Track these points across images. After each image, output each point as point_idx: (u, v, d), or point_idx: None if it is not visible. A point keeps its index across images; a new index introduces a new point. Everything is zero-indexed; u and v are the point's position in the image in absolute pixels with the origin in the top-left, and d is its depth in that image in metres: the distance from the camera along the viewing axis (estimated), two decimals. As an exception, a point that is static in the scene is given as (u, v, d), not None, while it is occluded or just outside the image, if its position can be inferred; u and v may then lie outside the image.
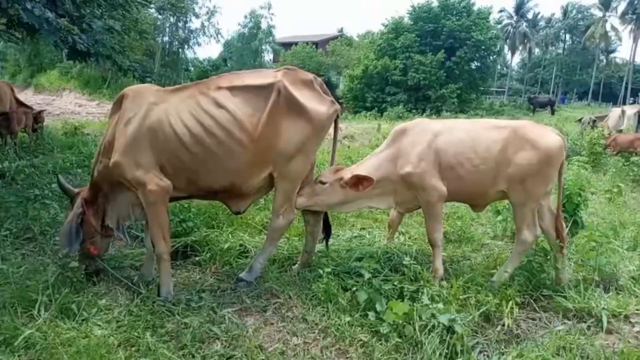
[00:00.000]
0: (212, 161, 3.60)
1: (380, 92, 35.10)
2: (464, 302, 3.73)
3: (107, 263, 4.13)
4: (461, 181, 4.07)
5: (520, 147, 3.99)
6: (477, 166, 4.02)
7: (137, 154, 3.53)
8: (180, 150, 3.56)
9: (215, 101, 3.61)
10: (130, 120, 3.57)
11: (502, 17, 57.97)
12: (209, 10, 36.97)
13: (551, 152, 3.98)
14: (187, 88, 3.81)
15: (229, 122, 3.57)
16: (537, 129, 4.16)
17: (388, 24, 37.61)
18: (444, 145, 4.05)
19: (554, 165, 4.05)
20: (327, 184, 4.03)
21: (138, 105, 3.62)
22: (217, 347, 3.16)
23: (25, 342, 2.98)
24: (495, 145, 4.02)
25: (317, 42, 47.75)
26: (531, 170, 3.96)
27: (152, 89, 3.83)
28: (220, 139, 3.56)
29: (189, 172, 3.65)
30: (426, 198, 4.10)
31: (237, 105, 3.61)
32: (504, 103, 43.92)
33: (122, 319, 3.39)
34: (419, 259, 4.30)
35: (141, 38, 8.41)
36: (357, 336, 3.29)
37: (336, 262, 4.20)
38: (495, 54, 39.36)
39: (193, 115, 3.57)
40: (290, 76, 3.74)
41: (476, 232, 5.58)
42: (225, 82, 3.73)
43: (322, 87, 3.86)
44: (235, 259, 4.47)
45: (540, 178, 4.02)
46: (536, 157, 3.95)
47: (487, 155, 4.01)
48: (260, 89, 3.66)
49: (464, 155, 4.03)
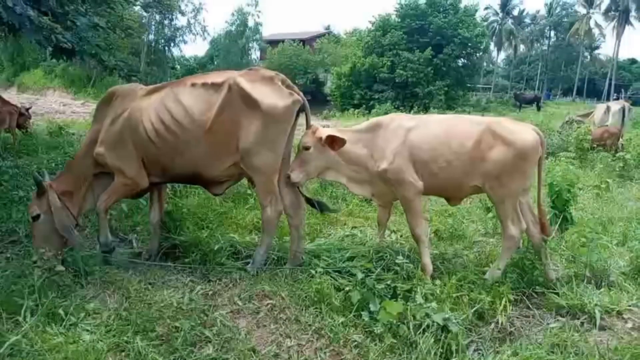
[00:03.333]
0: (174, 152, 4.02)
1: (368, 90, 35.16)
2: (457, 301, 3.71)
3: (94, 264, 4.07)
4: (435, 176, 4.13)
5: (494, 143, 4.02)
6: (450, 162, 4.07)
7: (120, 148, 4.08)
8: (149, 144, 4.04)
9: (176, 98, 3.99)
10: (117, 118, 4.11)
11: (488, 14, 58.44)
12: (195, 8, 36.74)
13: (526, 148, 4.00)
14: (164, 87, 4.22)
15: (184, 117, 3.94)
16: (512, 125, 4.18)
17: (375, 22, 37.65)
18: (418, 141, 4.11)
19: (529, 161, 4.07)
20: (311, 148, 4.16)
21: (125, 103, 4.15)
22: (209, 351, 3.10)
23: (11, 349, 2.89)
24: (469, 141, 4.05)
25: (305, 39, 47.56)
26: (506, 166, 4.00)
27: (138, 89, 4.30)
28: (177, 133, 3.96)
29: (159, 162, 4.14)
30: (403, 193, 4.17)
31: (193, 102, 3.95)
32: (491, 100, 44.25)
33: (111, 323, 3.31)
34: (411, 257, 4.26)
35: (126, 36, 8.32)
36: (351, 337, 3.26)
37: (328, 262, 4.16)
38: (481, 51, 39.64)
39: (157, 112, 4.01)
40: (250, 74, 4.03)
41: (467, 230, 5.57)
42: (192, 80, 4.12)
43: (285, 83, 4.06)
44: (225, 260, 4.39)
45: (517, 174, 4.05)
46: (511, 154, 3.98)
47: (461, 150, 4.05)
48: (214, 86, 3.97)
49: (438, 151, 4.07)
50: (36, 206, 3.96)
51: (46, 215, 3.95)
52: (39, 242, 3.95)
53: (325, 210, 4.66)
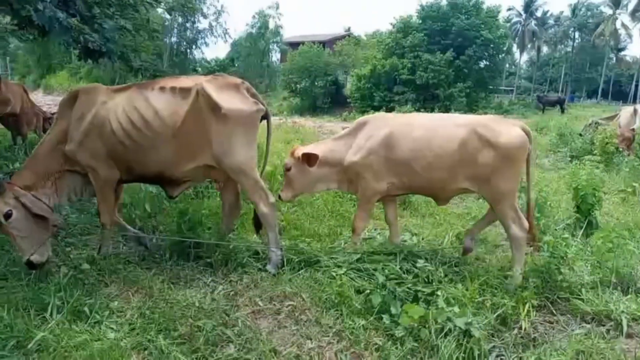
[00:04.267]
0: (142, 152, 4.12)
1: (388, 92, 35.03)
2: (479, 305, 3.67)
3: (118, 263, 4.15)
4: (417, 176, 4.19)
5: (479, 146, 4.01)
6: (431, 163, 4.10)
7: (89, 145, 4.14)
8: (117, 142, 4.11)
9: (146, 100, 4.10)
10: (83, 116, 4.15)
11: (511, 15, 57.60)
12: (216, 10, 37.07)
13: (512, 149, 3.98)
14: (130, 88, 4.33)
15: (153, 118, 4.04)
16: (497, 125, 4.13)
17: (396, 23, 37.50)
18: (399, 140, 4.16)
19: (517, 161, 4.06)
20: (292, 168, 4.39)
21: (91, 102, 4.20)
22: (231, 351, 3.13)
23: (39, 345, 2.97)
24: (451, 144, 4.05)
25: (325, 41, 47.62)
26: (495, 169, 4.00)
27: (103, 88, 4.39)
28: (145, 133, 4.05)
29: (126, 161, 4.22)
30: (362, 190, 4.35)
31: (162, 104, 4.07)
32: (513, 101, 43.59)
33: (135, 321, 3.37)
34: (432, 261, 4.23)
35: (150, 38, 8.42)
36: (372, 340, 3.25)
37: (349, 265, 4.15)
38: (504, 52, 39.17)
39: (126, 112, 4.09)
40: (215, 81, 4.17)
41: (490, 233, 5.50)
42: (160, 84, 4.23)
43: (250, 91, 4.24)
44: (246, 260, 4.41)
45: (507, 175, 4.04)
46: (497, 156, 3.97)
47: (442, 153, 4.07)
48: (183, 91, 4.09)
49: (419, 152, 4.11)
50: (2, 204, 3.80)
51: (17, 208, 3.85)
52: (23, 237, 3.83)
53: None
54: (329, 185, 4.59)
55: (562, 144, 12.99)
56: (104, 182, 4.28)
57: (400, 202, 6.58)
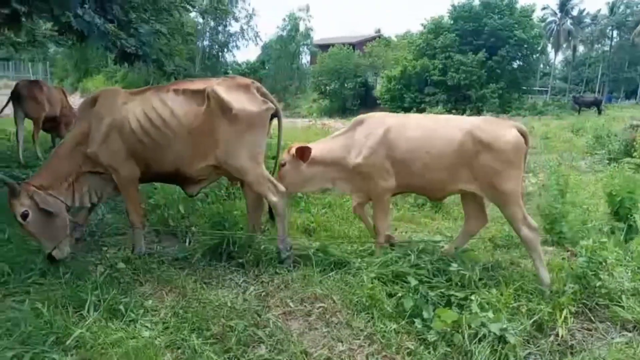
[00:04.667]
0: (159, 150, 4.29)
1: (418, 93, 34.76)
2: (514, 311, 3.59)
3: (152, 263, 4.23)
4: (414, 176, 4.25)
5: (477, 150, 4.02)
6: (428, 165, 4.14)
7: (110, 145, 4.28)
8: (136, 141, 4.27)
9: (163, 101, 4.28)
10: (104, 117, 4.29)
11: (546, 14, 56.29)
12: (248, 14, 37.49)
13: (508, 151, 3.99)
14: (147, 90, 4.51)
15: (170, 118, 4.22)
16: (492, 127, 4.12)
17: (427, 24, 37.17)
18: (397, 140, 4.21)
19: (515, 161, 4.04)
20: (286, 164, 4.49)
21: (111, 104, 4.36)
22: (262, 351, 3.14)
23: (76, 342, 3.03)
24: (449, 147, 4.09)
25: (354, 43, 47.56)
26: (495, 172, 4.01)
27: (121, 91, 4.60)
28: (162, 132, 4.23)
29: (144, 159, 4.37)
30: (372, 189, 4.37)
31: (178, 106, 4.26)
32: (547, 102, 42.57)
33: (168, 320, 3.42)
34: (465, 264, 4.15)
35: (183, 42, 8.59)
36: (404, 344, 3.21)
37: (380, 267, 4.11)
38: (538, 52, 38.33)
39: (145, 112, 4.26)
40: (227, 82, 4.35)
41: (524, 237, 5.36)
42: (175, 86, 4.43)
43: (260, 91, 4.37)
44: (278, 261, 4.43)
45: (508, 176, 4.02)
46: (495, 159, 3.99)
47: (440, 155, 4.11)
48: (195, 92, 4.28)
49: (416, 153, 4.16)
50: (19, 205, 3.91)
51: (32, 208, 3.94)
52: (42, 235, 3.98)
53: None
54: (323, 184, 4.63)
55: (599, 146, 12.62)
56: (128, 181, 4.41)
57: (432, 205, 6.51)
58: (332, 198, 6.49)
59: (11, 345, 2.88)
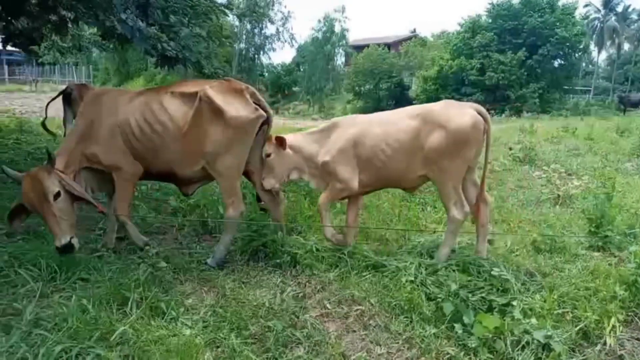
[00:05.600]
0: (156, 150, 4.36)
1: (455, 93, 34.17)
2: (559, 318, 3.48)
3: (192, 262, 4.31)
4: (379, 170, 4.40)
5: (430, 131, 4.17)
6: (389, 156, 4.31)
7: (113, 144, 4.36)
8: (135, 141, 4.36)
9: (160, 103, 4.37)
10: (106, 117, 4.38)
11: (589, 11, 54.53)
12: (283, 16, 37.80)
13: (462, 131, 4.09)
14: (146, 92, 4.63)
15: (167, 119, 4.31)
16: (448, 109, 4.25)
17: (464, 23, 36.57)
18: (362, 138, 4.39)
19: (468, 143, 4.14)
20: (271, 155, 4.55)
21: (113, 104, 4.44)
22: (300, 352, 3.14)
23: (120, 338, 3.09)
24: (405, 135, 4.27)
25: (390, 43, 47.26)
26: (444, 151, 4.13)
27: (123, 91, 4.73)
28: (160, 134, 4.31)
29: (142, 158, 4.44)
30: (332, 186, 4.53)
31: (174, 107, 4.33)
32: (590, 102, 41.20)
33: (208, 319, 3.46)
34: (507, 269, 4.05)
35: (220, 45, 8.74)
36: (444, 349, 3.15)
37: (418, 270, 4.06)
38: (580, 50, 37.09)
39: (142, 113, 4.36)
40: (221, 86, 4.36)
41: (569, 242, 5.20)
42: (171, 88, 4.49)
43: (254, 96, 4.38)
44: (315, 262, 4.42)
45: (456, 157, 4.15)
46: (446, 138, 4.10)
47: (398, 145, 4.28)
48: (189, 95, 4.32)
49: (378, 147, 4.33)
50: (52, 184, 3.84)
51: (63, 191, 3.91)
52: (65, 220, 3.89)
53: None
54: (301, 175, 4.76)
55: (646, 147, 12.12)
56: (130, 177, 4.49)
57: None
58: (368, 199, 6.45)
59: (59, 340, 2.97)
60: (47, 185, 3.80)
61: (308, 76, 42.46)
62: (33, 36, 7.95)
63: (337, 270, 4.28)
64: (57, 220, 3.83)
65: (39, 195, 3.78)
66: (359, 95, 42.39)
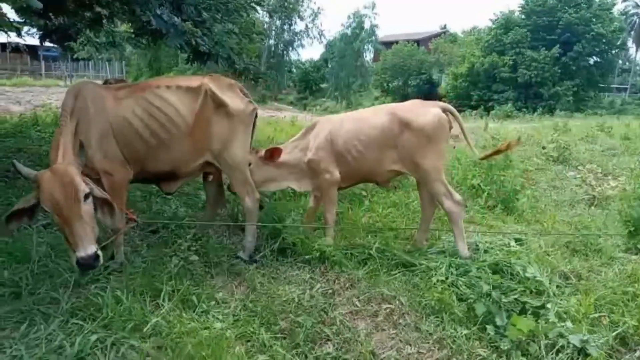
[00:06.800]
0: (162, 148, 4.15)
1: (486, 90, 33.65)
2: (595, 322, 3.39)
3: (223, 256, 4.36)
4: (352, 165, 4.61)
5: (399, 130, 4.40)
6: (361, 152, 4.53)
7: (106, 147, 3.93)
8: (137, 140, 4.04)
9: (162, 98, 4.14)
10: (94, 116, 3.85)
11: (628, 7, 52.68)
12: (313, 12, 37.77)
13: (428, 129, 4.32)
14: (130, 87, 4.31)
15: (175, 115, 4.14)
16: (414, 108, 4.50)
17: (497, 19, 35.88)
18: (336, 136, 4.60)
19: (436, 139, 4.36)
20: (251, 165, 4.66)
21: (99, 101, 3.93)
22: (330, 349, 3.14)
23: (153, 329, 3.15)
24: (375, 131, 4.48)
25: (419, 40, 46.74)
26: (416, 149, 4.37)
27: (101, 86, 4.26)
28: (169, 129, 4.13)
29: (142, 159, 4.13)
30: (320, 183, 4.72)
31: (179, 103, 4.18)
32: (627, 101, 39.90)
33: (238, 313, 3.49)
34: (541, 271, 3.96)
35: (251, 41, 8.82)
36: (476, 350, 3.11)
37: (449, 270, 4.01)
38: (617, 47, 35.95)
39: (146, 110, 4.06)
40: (214, 80, 4.37)
41: (605, 244, 5.05)
42: (161, 83, 4.30)
43: (242, 91, 4.47)
44: (344, 260, 4.41)
45: (429, 153, 4.37)
46: (415, 137, 4.35)
47: (369, 141, 4.50)
48: (191, 89, 4.23)
49: (350, 143, 4.55)
50: (84, 183, 3.26)
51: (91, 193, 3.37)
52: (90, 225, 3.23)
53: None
54: (281, 186, 5.04)
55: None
56: (120, 183, 3.99)
57: (503, 207, 6.28)
58: (398, 197, 6.40)
59: (94, 329, 3.04)
60: (79, 183, 3.20)
61: (336, 73, 42.35)
62: (69, 32, 8.14)
63: (366, 268, 4.26)
64: (84, 226, 3.16)
65: (68, 194, 3.12)
66: (387, 92, 42.12)
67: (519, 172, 7.91)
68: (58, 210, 3.11)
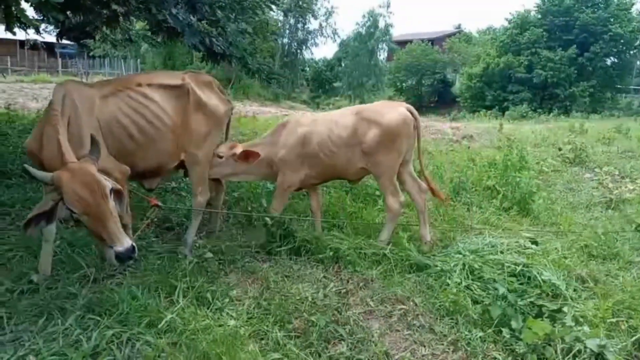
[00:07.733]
0: (151, 146, 4.18)
1: (501, 91, 33.24)
2: (613, 327, 3.34)
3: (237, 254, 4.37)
4: (324, 164, 4.78)
5: (366, 128, 4.64)
6: (332, 151, 4.72)
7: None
8: (126, 138, 4.02)
9: (146, 96, 4.16)
10: (83, 114, 3.71)
11: (646, 6, 51.91)
12: (327, 11, 37.71)
13: (392, 127, 4.59)
14: (111, 84, 4.21)
15: (162, 113, 4.20)
16: (380, 108, 4.80)
17: (512, 19, 35.51)
18: (309, 136, 4.75)
19: (398, 138, 4.63)
20: (223, 158, 4.75)
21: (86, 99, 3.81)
22: (343, 349, 3.13)
23: (167, 326, 3.17)
24: (345, 131, 4.70)
25: (433, 39, 46.45)
26: (377, 146, 4.60)
27: (86, 84, 4.17)
28: (157, 126, 4.18)
29: (129, 157, 4.04)
30: (280, 181, 4.87)
31: (163, 100, 4.23)
32: (645, 103, 39.25)
33: (252, 311, 3.51)
34: (558, 274, 3.92)
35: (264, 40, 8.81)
36: (491, 353, 3.09)
37: (464, 272, 3.98)
38: (635, 48, 35.36)
39: (133, 108, 4.06)
40: (194, 78, 4.45)
41: (622, 248, 4.98)
42: (142, 80, 4.27)
43: (220, 88, 4.64)
44: (357, 259, 4.40)
45: (389, 151, 4.64)
46: (378, 134, 4.58)
47: (339, 141, 4.70)
48: (174, 87, 4.30)
49: (323, 144, 4.73)
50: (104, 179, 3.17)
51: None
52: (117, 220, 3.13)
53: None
54: (247, 179, 5.24)
55: None
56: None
57: (518, 209, 6.23)
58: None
59: (111, 325, 3.07)
60: (101, 179, 3.11)
61: (350, 72, 42.22)
62: (86, 30, 8.21)
63: (379, 268, 4.25)
64: (115, 220, 3.10)
65: (95, 192, 3.02)
66: (400, 91, 41.88)
67: (535, 174, 7.84)
68: (88, 210, 3.01)
